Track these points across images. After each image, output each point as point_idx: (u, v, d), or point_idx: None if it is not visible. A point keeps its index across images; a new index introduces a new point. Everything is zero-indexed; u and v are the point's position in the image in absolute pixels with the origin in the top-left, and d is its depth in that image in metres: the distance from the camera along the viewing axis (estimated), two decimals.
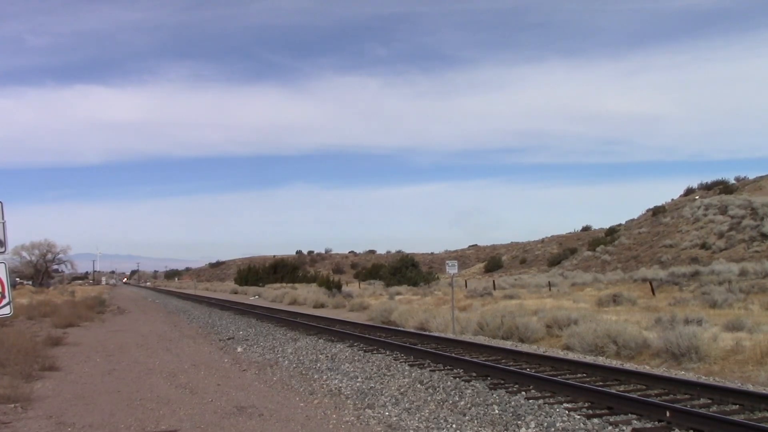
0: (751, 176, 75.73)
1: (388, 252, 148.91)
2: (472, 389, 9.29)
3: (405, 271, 52.47)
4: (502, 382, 9.94)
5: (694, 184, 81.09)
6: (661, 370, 11.07)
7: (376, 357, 12.96)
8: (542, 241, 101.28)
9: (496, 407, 8.12)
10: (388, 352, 13.72)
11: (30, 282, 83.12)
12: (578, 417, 7.53)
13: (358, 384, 10.08)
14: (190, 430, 7.42)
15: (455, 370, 11.12)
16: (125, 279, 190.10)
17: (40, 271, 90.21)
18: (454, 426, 7.39)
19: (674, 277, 31.98)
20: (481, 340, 16.17)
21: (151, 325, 23.48)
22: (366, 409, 8.34)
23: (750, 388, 9.22)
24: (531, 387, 9.43)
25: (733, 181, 76.51)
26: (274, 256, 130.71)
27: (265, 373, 11.52)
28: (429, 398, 8.93)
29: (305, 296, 39.77)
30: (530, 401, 8.39)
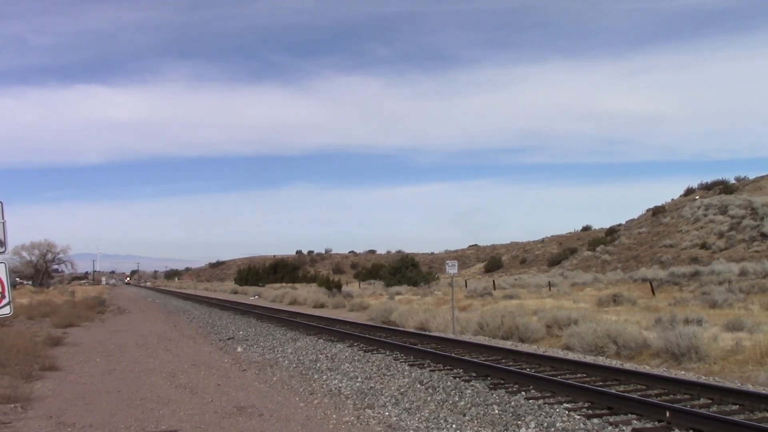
0: (751, 176, 75.71)
1: (388, 252, 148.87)
2: (472, 389, 9.29)
3: (405, 271, 52.42)
4: (502, 382, 9.94)
5: (695, 184, 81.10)
6: (661, 370, 11.07)
7: (376, 357, 12.96)
8: (542, 241, 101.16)
9: (496, 407, 8.13)
10: (388, 352, 13.72)
11: (30, 282, 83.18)
12: (578, 417, 7.53)
13: (358, 384, 10.08)
14: (190, 430, 7.42)
15: (455, 370, 11.12)
16: (127, 279, 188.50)
17: (40, 271, 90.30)
18: (454, 426, 7.39)
19: (674, 277, 31.97)
20: (481, 340, 16.17)
21: (151, 325, 23.48)
22: (366, 409, 8.34)
23: (750, 388, 9.22)
24: (531, 387, 9.44)
25: (733, 181, 76.50)
26: (274, 256, 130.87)
27: (265, 373, 11.52)
28: (429, 398, 8.93)
29: (305, 296, 39.78)
30: (530, 401, 8.40)
